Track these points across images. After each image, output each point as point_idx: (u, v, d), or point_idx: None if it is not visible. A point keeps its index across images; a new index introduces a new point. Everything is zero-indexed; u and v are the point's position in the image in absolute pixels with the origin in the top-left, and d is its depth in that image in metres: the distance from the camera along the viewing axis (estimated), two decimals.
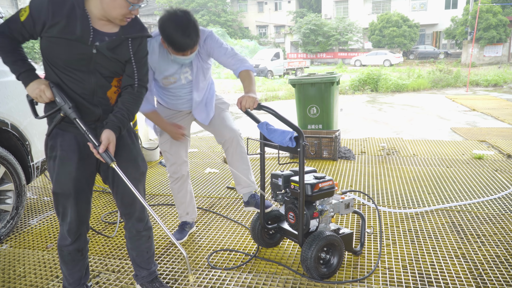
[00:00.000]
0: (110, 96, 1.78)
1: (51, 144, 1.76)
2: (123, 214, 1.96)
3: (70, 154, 1.75)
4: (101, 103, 1.75)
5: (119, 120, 1.75)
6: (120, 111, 1.76)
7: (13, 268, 2.49)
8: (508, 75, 16.85)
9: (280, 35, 41.79)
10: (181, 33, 2.13)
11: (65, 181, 1.75)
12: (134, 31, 1.74)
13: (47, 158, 1.79)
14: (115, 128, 1.73)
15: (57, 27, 1.60)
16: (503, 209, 3.19)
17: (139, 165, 1.92)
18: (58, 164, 1.74)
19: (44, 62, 1.70)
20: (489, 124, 7.57)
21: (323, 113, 5.17)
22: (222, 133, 2.65)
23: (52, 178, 1.78)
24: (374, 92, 14.19)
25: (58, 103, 1.68)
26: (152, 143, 5.23)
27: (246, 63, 2.44)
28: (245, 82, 2.39)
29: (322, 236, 2.17)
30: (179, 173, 2.71)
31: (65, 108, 1.67)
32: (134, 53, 1.76)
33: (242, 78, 2.41)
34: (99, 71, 1.70)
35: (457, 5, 34.06)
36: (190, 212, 2.85)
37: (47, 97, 1.67)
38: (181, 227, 2.87)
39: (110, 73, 1.74)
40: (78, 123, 1.68)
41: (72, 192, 1.77)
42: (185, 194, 2.79)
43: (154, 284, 2.10)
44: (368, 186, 3.88)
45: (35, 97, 1.68)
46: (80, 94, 1.70)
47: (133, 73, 1.78)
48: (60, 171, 1.75)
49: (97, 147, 1.68)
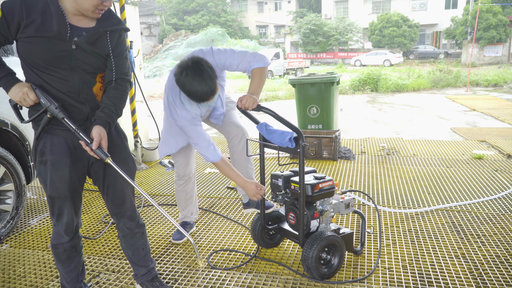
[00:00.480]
0: (96, 93, 1.77)
1: (41, 149, 1.73)
2: (114, 214, 1.95)
3: (62, 158, 1.73)
4: (87, 100, 1.73)
5: (108, 115, 1.73)
6: (108, 106, 1.74)
7: (13, 268, 2.49)
8: (508, 75, 16.84)
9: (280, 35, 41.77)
10: (198, 85, 2.07)
11: (59, 184, 1.74)
12: (111, 24, 1.73)
13: (36, 162, 1.75)
14: (104, 123, 1.72)
15: (33, 26, 1.57)
16: (503, 209, 3.19)
17: (129, 166, 1.91)
18: (51, 169, 1.72)
19: (23, 65, 1.66)
20: (489, 124, 7.57)
21: (323, 113, 5.17)
22: (229, 129, 2.69)
23: (45, 182, 1.75)
24: (374, 92, 14.18)
25: (43, 104, 1.63)
26: (152, 143, 5.23)
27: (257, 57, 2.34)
28: (253, 80, 2.33)
29: (323, 236, 2.17)
30: (187, 176, 2.78)
31: (51, 108, 1.63)
32: (114, 47, 1.74)
33: (252, 75, 2.35)
34: (81, 67, 1.68)
35: (457, 5, 34.05)
36: (195, 212, 2.92)
37: (31, 99, 1.63)
38: (182, 227, 2.87)
39: (93, 68, 1.72)
40: (67, 122, 1.65)
41: (68, 195, 1.77)
42: (192, 196, 2.85)
43: (154, 284, 2.10)
44: (368, 186, 3.88)
45: (19, 101, 1.64)
46: (65, 92, 1.67)
47: (115, 68, 1.76)
48: (54, 176, 1.73)
49: (90, 144, 1.66)
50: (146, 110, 5.04)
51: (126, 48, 1.83)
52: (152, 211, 3.42)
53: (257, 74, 2.33)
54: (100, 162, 1.82)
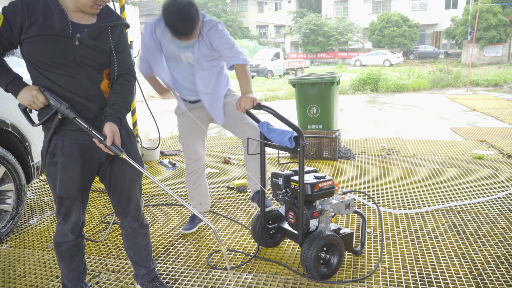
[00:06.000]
0: (104, 90, 1.77)
1: (51, 151, 1.73)
2: (119, 213, 1.96)
3: (73, 160, 1.73)
4: (96, 98, 1.74)
5: (117, 111, 1.74)
6: (117, 102, 1.76)
7: (13, 268, 2.49)
8: (508, 75, 16.84)
9: (280, 35, 41.77)
10: (178, 20, 2.22)
11: (69, 185, 1.75)
12: (111, 20, 1.75)
13: (45, 163, 1.75)
14: (115, 119, 1.73)
15: (35, 25, 1.58)
16: (503, 209, 3.19)
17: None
18: (61, 170, 1.73)
19: (29, 68, 1.67)
20: (489, 124, 7.57)
21: (323, 113, 5.17)
22: (244, 129, 2.68)
23: (54, 183, 1.76)
24: (374, 92, 14.18)
25: (53, 106, 1.64)
26: (152, 143, 5.23)
27: (240, 55, 2.46)
28: (241, 80, 2.44)
29: (321, 235, 2.17)
30: (196, 167, 2.82)
31: (62, 109, 1.64)
32: (116, 43, 1.76)
33: (238, 75, 2.46)
34: (87, 63, 1.69)
35: (457, 5, 34.05)
36: (203, 202, 2.94)
37: (40, 102, 1.64)
38: (192, 219, 2.99)
39: (98, 64, 1.73)
40: (79, 122, 1.66)
41: (78, 195, 1.78)
42: (200, 187, 2.88)
43: (154, 284, 2.10)
44: (368, 186, 3.88)
45: (28, 105, 1.65)
46: (73, 91, 1.68)
47: (119, 63, 1.78)
48: (64, 177, 1.73)
49: (104, 141, 1.67)
50: (146, 110, 5.04)
51: (128, 44, 1.85)
52: (153, 211, 3.42)
53: (242, 73, 2.45)
54: (108, 160, 1.83)
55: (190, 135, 2.74)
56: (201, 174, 2.86)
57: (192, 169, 2.82)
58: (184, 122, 2.74)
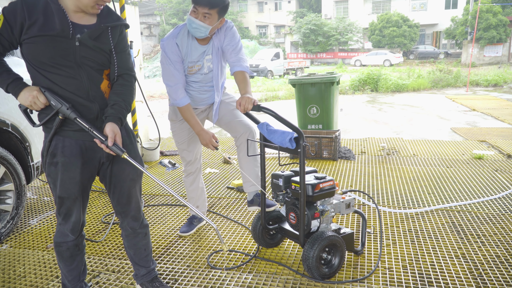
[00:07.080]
0: (104, 90, 1.78)
1: (52, 151, 1.73)
2: (119, 213, 1.96)
3: (73, 160, 1.73)
4: (96, 98, 1.74)
5: (118, 111, 1.75)
6: (117, 102, 1.76)
7: (13, 268, 2.49)
8: (508, 75, 16.83)
9: (280, 35, 41.76)
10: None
11: (70, 185, 1.75)
12: (111, 20, 1.75)
13: (46, 164, 1.75)
14: (116, 119, 1.73)
15: (36, 25, 1.58)
16: (503, 209, 3.19)
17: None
18: (62, 170, 1.73)
19: (29, 68, 1.67)
20: (489, 124, 7.57)
21: (323, 113, 5.17)
22: (237, 128, 2.69)
23: (55, 183, 1.76)
24: (374, 92, 14.18)
25: (54, 106, 1.64)
26: (152, 143, 5.23)
27: (244, 63, 2.52)
28: (240, 84, 2.49)
29: (324, 236, 2.17)
30: (193, 168, 2.86)
31: (63, 110, 1.64)
32: (116, 43, 1.76)
33: (238, 80, 2.50)
34: (87, 64, 1.69)
35: (457, 5, 34.04)
36: (200, 205, 2.95)
37: (41, 102, 1.64)
38: (190, 221, 2.98)
39: (98, 65, 1.73)
40: (80, 122, 1.66)
41: (78, 196, 1.78)
42: (196, 188, 2.90)
43: (154, 284, 2.10)
44: (368, 186, 3.88)
45: (29, 105, 1.65)
46: (73, 91, 1.68)
47: (119, 63, 1.78)
48: (64, 177, 1.74)
49: (105, 142, 1.67)
50: (146, 110, 5.04)
51: (128, 45, 1.85)
52: (153, 211, 3.42)
53: (242, 78, 2.50)
54: (108, 161, 1.83)
55: (190, 140, 2.74)
56: (198, 174, 2.89)
57: (190, 171, 2.86)
58: (182, 128, 2.72)
